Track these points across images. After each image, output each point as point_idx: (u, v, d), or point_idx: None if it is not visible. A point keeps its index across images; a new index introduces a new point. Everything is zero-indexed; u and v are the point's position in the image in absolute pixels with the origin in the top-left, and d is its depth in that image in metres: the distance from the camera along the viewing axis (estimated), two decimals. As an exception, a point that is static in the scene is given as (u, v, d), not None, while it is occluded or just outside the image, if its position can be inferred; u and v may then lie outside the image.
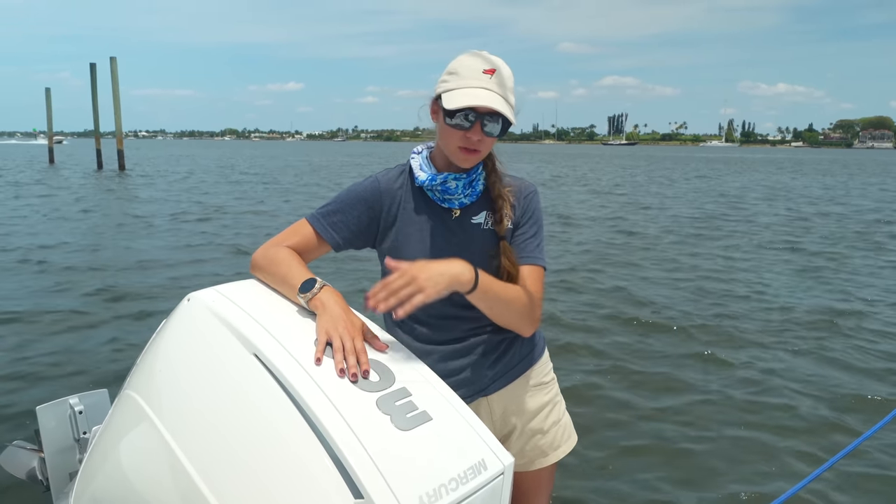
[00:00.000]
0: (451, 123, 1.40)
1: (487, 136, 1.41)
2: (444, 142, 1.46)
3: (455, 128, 1.40)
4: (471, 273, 1.31)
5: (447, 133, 1.43)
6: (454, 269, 1.29)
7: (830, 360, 4.69)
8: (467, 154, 1.42)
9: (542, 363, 1.68)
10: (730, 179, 27.93)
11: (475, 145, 1.41)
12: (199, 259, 8.26)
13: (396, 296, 1.22)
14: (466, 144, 1.41)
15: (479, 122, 1.38)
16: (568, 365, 4.43)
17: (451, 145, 1.43)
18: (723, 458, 3.27)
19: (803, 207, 15.87)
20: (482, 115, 1.38)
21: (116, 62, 27.45)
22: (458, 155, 1.44)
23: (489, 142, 1.44)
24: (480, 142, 1.41)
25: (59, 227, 10.96)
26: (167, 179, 23.82)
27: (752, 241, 10.22)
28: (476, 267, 1.34)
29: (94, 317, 5.49)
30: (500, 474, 1.11)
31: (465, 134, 1.40)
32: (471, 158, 1.44)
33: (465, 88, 1.38)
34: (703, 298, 6.44)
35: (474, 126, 1.39)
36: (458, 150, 1.43)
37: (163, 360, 1.27)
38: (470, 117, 1.38)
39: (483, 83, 1.38)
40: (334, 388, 1.09)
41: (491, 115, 1.38)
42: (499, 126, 1.41)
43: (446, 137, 1.44)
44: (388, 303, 1.22)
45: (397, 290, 1.22)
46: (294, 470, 1.02)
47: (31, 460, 1.81)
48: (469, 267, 1.31)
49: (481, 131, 1.39)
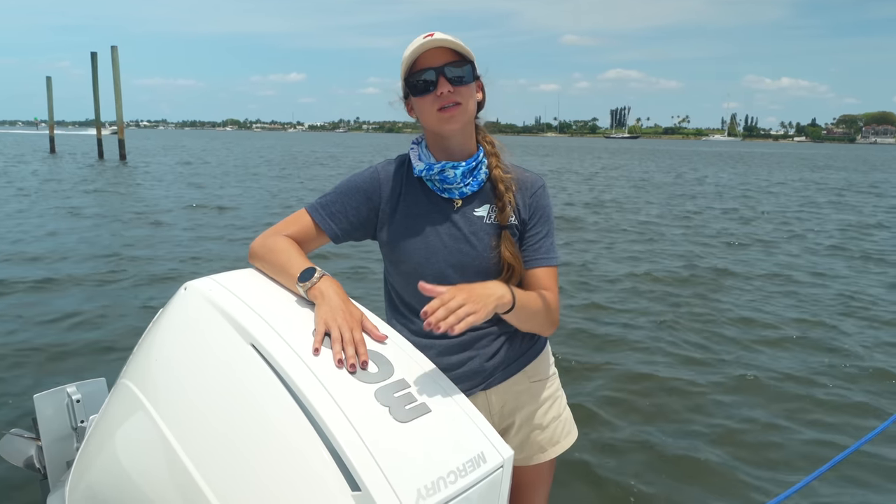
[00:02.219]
0: (418, 92, 1.41)
1: (456, 83, 1.39)
2: (425, 118, 1.45)
3: (424, 93, 1.40)
4: (510, 294, 1.34)
5: (421, 106, 1.43)
6: (498, 290, 1.31)
7: (834, 351, 4.68)
8: (446, 112, 1.40)
9: (543, 358, 1.66)
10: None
11: (449, 98, 1.39)
12: (198, 248, 8.25)
13: (456, 314, 1.20)
14: (441, 103, 1.39)
15: (441, 76, 1.38)
16: (570, 364, 4.43)
17: (430, 114, 1.42)
18: (724, 457, 3.26)
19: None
20: (439, 68, 1.38)
21: (117, 51, 27.38)
22: (440, 119, 1.41)
23: (465, 91, 1.41)
24: (453, 93, 1.39)
25: (57, 216, 10.95)
26: (168, 169, 23.77)
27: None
28: (509, 286, 1.36)
29: (92, 305, 5.49)
30: (499, 467, 1.10)
31: (434, 94, 1.39)
32: (454, 115, 1.41)
33: (412, 53, 1.39)
34: (702, 298, 6.43)
35: (438, 80, 1.38)
36: (437, 114, 1.41)
37: (159, 350, 1.26)
38: (429, 76, 1.38)
39: (424, 42, 1.38)
40: (332, 379, 1.08)
41: (450, 64, 1.38)
42: (462, 70, 1.40)
43: (423, 111, 1.43)
44: (448, 321, 1.18)
45: (455, 309, 1.20)
46: (291, 461, 1.01)
47: (28, 448, 1.80)
48: (508, 288, 1.34)
49: (448, 83, 1.38)
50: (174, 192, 15.42)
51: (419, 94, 1.41)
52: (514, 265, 1.49)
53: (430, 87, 1.39)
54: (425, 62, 1.39)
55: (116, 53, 27.37)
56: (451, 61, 1.39)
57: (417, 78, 1.40)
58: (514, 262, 1.49)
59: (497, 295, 1.29)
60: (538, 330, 1.53)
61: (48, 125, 37.37)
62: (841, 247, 9.37)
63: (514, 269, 1.49)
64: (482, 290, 1.28)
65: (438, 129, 1.44)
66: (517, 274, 1.50)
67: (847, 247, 9.37)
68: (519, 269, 1.50)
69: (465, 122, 1.45)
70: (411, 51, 1.39)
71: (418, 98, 1.42)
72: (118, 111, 28.99)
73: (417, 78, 1.40)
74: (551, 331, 1.55)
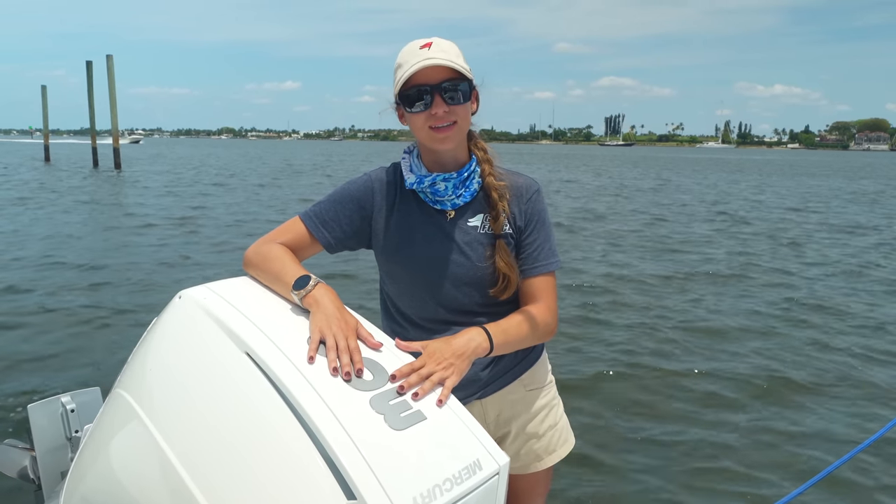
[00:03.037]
0: (412, 110, 1.39)
1: (452, 104, 1.37)
2: (417, 132, 1.43)
3: (417, 112, 1.38)
4: (486, 341, 1.33)
5: (414, 122, 1.41)
6: (472, 344, 1.30)
7: (836, 351, 4.69)
8: (440, 132, 1.39)
9: (540, 366, 1.65)
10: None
11: (443, 119, 1.37)
12: (192, 256, 8.23)
13: (430, 381, 1.17)
14: (435, 122, 1.38)
15: (437, 95, 1.36)
16: (574, 361, 4.42)
17: (423, 131, 1.40)
18: (725, 459, 3.25)
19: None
20: (436, 86, 1.35)
21: (113, 60, 27.40)
22: (432, 137, 1.40)
23: (460, 111, 1.39)
24: (448, 113, 1.37)
25: (52, 224, 10.90)
26: (163, 178, 23.73)
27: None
28: (486, 329, 1.35)
29: (86, 314, 5.46)
30: (495, 475, 1.10)
31: (429, 113, 1.37)
32: (448, 136, 1.40)
33: (408, 69, 1.36)
34: (705, 298, 6.44)
35: (434, 101, 1.36)
36: (430, 132, 1.39)
37: (153, 359, 1.25)
38: (425, 95, 1.36)
39: (421, 57, 1.35)
40: (327, 387, 1.08)
41: (447, 82, 1.36)
42: (459, 91, 1.37)
43: (416, 127, 1.42)
44: (424, 388, 1.16)
45: (428, 376, 1.18)
46: (286, 470, 1.00)
47: (22, 459, 1.79)
48: (482, 334, 1.33)
49: (443, 102, 1.36)
50: (167, 201, 15.38)
51: (412, 109, 1.39)
52: (509, 275, 1.47)
53: (425, 106, 1.37)
54: (421, 77, 1.35)
55: (112, 62, 27.40)
56: (449, 78, 1.36)
57: (412, 93, 1.37)
58: (508, 272, 1.47)
59: (471, 348, 1.29)
60: (532, 345, 1.52)
61: (43, 134, 37.28)
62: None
63: (509, 280, 1.47)
64: (454, 347, 1.26)
65: (430, 146, 1.43)
66: (513, 283, 1.48)
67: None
68: (514, 279, 1.48)
69: (458, 141, 1.44)
70: (407, 66, 1.35)
71: (411, 114, 1.40)
72: (113, 120, 28.91)
73: (412, 93, 1.37)
74: (550, 338, 1.54)
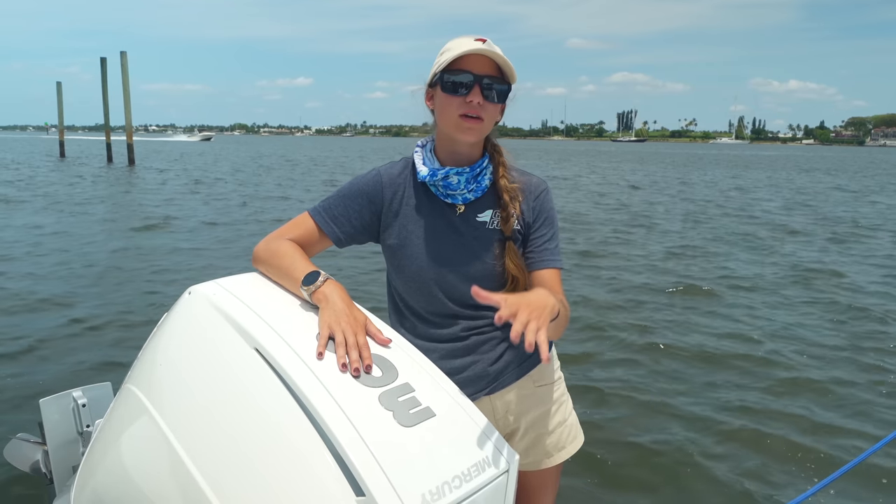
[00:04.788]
0: (449, 90, 1.38)
1: (487, 100, 1.38)
2: (444, 116, 1.42)
3: (453, 93, 1.38)
4: (556, 303, 1.24)
5: (446, 104, 1.40)
6: (550, 301, 1.20)
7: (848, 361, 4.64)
8: (469, 122, 1.39)
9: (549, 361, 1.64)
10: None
11: (476, 110, 1.38)
12: (203, 252, 8.28)
13: (530, 329, 1.08)
14: (467, 110, 1.38)
15: (477, 85, 1.36)
16: (577, 362, 4.41)
17: (452, 116, 1.40)
18: (728, 461, 3.23)
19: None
20: (479, 76, 1.36)
21: (127, 57, 27.61)
22: (459, 125, 1.40)
23: (491, 109, 1.40)
24: (481, 107, 1.38)
25: (67, 219, 11.02)
26: (176, 174, 23.89)
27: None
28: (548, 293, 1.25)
29: (97, 309, 5.51)
30: (504, 472, 1.09)
31: (464, 99, 1.37)
32: (473, 128, 1.40)
33: (459, 51, 1.36)
34: (703, 299, 6.40)
35: (473, 89, 1.37)
36: (458, 119, 1.39)
37: (163, 355, 1.25)
38: (466, 79, 1.36)
39: (476, 45, 1.36)
40: (336, 384, 1.07)
41: (490, 77, 1.37)
42: (497, 91, 1.39)
43: (445, 110, 1.41)
44: (532, 327, 1.08)
45: (525, 323, 1.09)
46: (295, 466, 1.00)
47: (34, 453, 1.80)
48: (550, 296, 1.24)
49: (481, 94, 1.37)
50: (179, 196, 15.48)
51: (449, 92, 1.39)
52: (518, 277, 1.48)
53: (462, 91, 1.37)
54: (468, 64, 1.36)
55: (126, 59, 27.60)
56: (492, 75, 1.38)
57: (454, 76, 1.37)
58: (518, 273, 1.48)
59: (550, 305, 1.19)
60: (557, 336, 1.49)
61: (58, 130, 37.66)
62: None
63: (518, 281, 1.48)
64: (538, 301, 1.17)
65: (453, 134, 1.43)
66: (521, 285, 1.48)
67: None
68: (523, 281, 1.49)
69: (480, 137, 1.45)
70: (460, 48, 1.36)
71: (446, 95, 1.40)
72: (127, 116, 29.15)
73: (454, 76, 1.37)
74: (565, 328, 1.50)
